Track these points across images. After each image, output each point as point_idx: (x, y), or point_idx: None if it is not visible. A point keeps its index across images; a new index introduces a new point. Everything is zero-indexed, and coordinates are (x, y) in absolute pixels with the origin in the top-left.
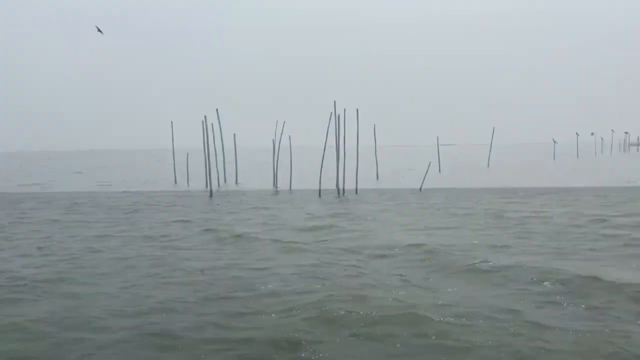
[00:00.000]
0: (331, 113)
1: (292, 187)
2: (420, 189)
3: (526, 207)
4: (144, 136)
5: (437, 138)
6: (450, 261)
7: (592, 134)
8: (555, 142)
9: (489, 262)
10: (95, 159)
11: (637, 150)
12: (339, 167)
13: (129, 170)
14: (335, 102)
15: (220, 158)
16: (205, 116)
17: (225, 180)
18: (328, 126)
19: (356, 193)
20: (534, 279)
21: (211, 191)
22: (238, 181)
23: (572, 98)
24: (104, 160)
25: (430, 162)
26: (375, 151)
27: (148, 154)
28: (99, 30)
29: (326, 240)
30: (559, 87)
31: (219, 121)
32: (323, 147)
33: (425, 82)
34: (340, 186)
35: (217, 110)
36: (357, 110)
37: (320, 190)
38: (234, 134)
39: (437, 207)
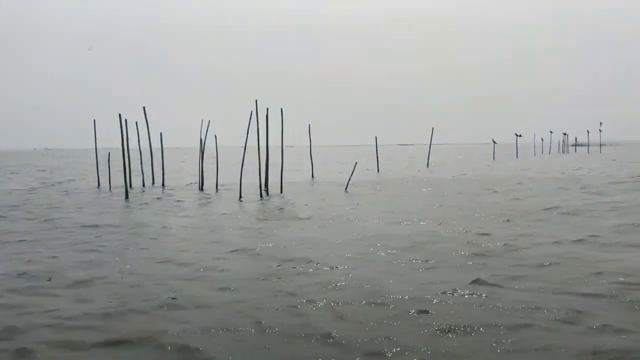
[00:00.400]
0: (252, 112)
1: (219, 188)
2: (346, 189)
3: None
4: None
5: (375, 138)
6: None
7: (519, 135)
8: (495, 142)
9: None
10: (37, 159)
11: (575, 151)
12: (261, 168)
13: (59, 170)
14: (256, 101)
15: (147, 158)
16: (120, 114)
17: (153, 182)
18: (249, 126)
19: (281, 192)
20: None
21: (127, 192)
22: (166, 182)
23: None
24: (42, 160)
25: (356, 163)
26: (311, 151)
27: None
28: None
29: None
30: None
31: (147, 119)
32: (244, 147)
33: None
34: (267, 187)
35: (144, 108)
36: (282, 109)
37: (241, 191)
38: (161, 133)
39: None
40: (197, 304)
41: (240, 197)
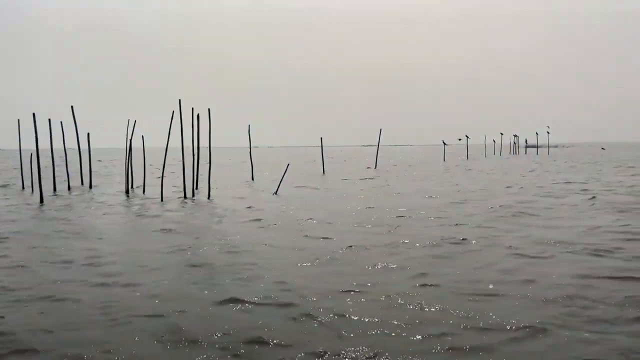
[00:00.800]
0: (173, 112)
1: (146, 191)
2: (277, 192)
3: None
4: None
5: (321, 139)
6: None
7: (467, 137)
8: (445, 144)
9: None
10: None
11: (525, 153)
12: (185, 170)
13: None
14: (180, 100)
15: (76, 159)
16: (34, 114)
17: (82, 183)
18: (170, 126)
19: (209, 198)
20: None
21: (42, 196)
22: (93, 184)
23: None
24: None
25: (288, 164)
26: (250, 153)
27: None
28: None
29: None
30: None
31: (75, 119)
32: (165, 147)
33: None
34: (191, 190)
35: (72, 107)
36: (209, 109)
37: (162, 194)
38: (88, 134)
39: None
40: None
41: (162, 200)
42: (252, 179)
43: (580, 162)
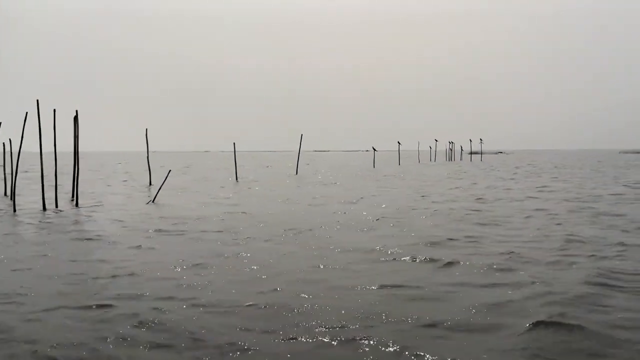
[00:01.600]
0: (27, 113)
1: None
2: (154, 201)
3: None
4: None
5: (234, 144)
6: None
7: (399, 143)
8: (375, 150)
9: None
10: None
11: (461, 159)
12: (44, 177)
13: None
14: (38, 100)
15: None
16: None
17: None
18: (23, 129)
19: (76, 206)
20: None
21: None
22: None
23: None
24: None
25: (170, 170)
26: (148, 157)
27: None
28: None
29: None
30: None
31: None
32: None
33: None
34: (53, 200)
35: None
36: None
37: (14, 204)
38: None
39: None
40: None
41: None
42: (150, 183)
43: (496, 168)
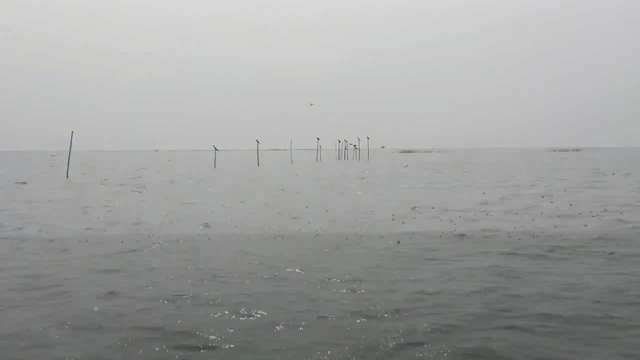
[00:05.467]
0: None
1: None
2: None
3: None
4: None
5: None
6: None
7: (257, 141)
8: (216, 149)
9: None
10: None
11: (354, 158)
12: None
13: None
14: None
15: None
16: None
17: None
18: None
19: None
20: None
21: None
22: None
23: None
24: None
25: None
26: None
27: None
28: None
29: None
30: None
31: None
32: None
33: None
34: None
35: None
36: None
37: None
38: None
39: None
40: None
41: None
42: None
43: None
